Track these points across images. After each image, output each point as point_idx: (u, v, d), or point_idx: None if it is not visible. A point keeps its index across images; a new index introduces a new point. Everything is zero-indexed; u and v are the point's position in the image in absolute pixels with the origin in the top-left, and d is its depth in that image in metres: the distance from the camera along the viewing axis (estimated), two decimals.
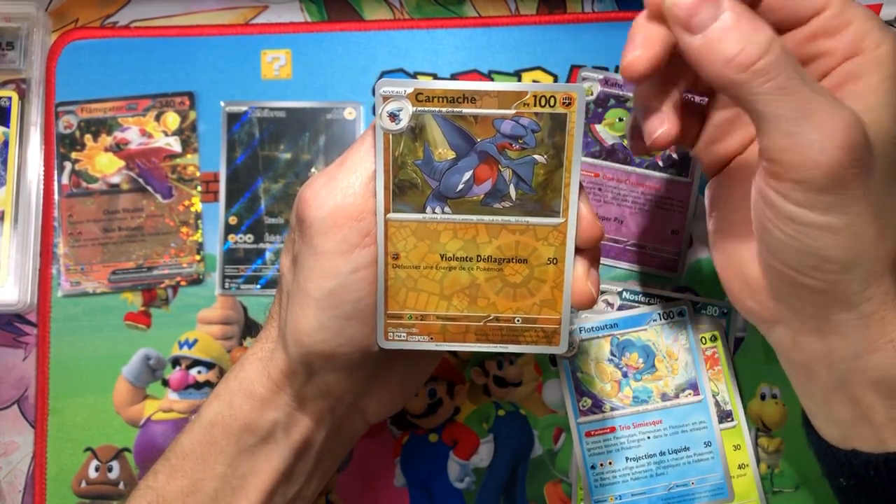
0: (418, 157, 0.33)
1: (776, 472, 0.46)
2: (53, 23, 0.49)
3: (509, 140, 0.32)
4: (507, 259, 0.34)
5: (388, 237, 0.33)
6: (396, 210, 0.33)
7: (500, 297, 0.34)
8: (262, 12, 0.50)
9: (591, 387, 0.46)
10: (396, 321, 0.35)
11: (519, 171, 0.33)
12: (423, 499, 0.46)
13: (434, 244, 0.34)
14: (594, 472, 0.45)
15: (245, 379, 0.36)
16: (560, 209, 0.33)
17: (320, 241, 0.32)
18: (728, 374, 0.46)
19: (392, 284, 0.34)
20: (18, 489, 0.46)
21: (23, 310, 0.46)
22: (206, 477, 0.36)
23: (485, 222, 0.33)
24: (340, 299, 0.33)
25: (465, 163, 0.33)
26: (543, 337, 0.35)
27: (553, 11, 0.50)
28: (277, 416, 0.36)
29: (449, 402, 0.47)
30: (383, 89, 0.32)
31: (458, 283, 0.34)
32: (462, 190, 0.33)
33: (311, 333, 0.33)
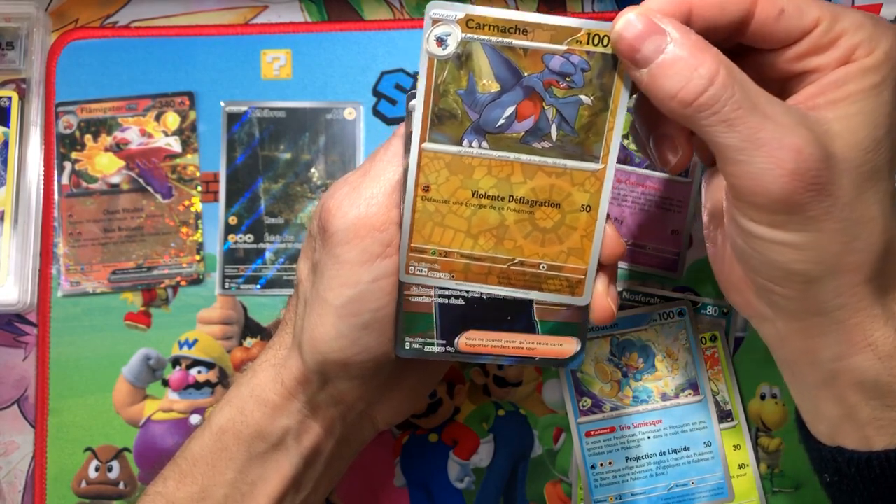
0: (461, 86, 0.31)
1: (776, 472, 0.46)
2: (53, 23, 0.49)
3: (557, 77, 0.31)
4: (539, 202, 0.33)
5: (420, 167, 0.32)
6: (432, 140, 0.32)
7: (527, 241, 0.33)
8: (262, 12, 0.50)
9: (591, 387, 0.46)
10: (420, 255, 0.33)
11: (563, 110, 0.32)
12: (423, 499, 0.46)
13: (467, 179, 0.32)
14: (594, 472, 0.45)
15: (257, 385, 0.36)
16: (600, 155, 0.32)
17: (342, 250, 0.33)
18: (728, 374, 0.46)
19: (419, 217, 0.33)
20: (18, 489, 0.46)
21: (23, 310, 0.46)
22: (216, 483, 0.36)
23: (521, 161, 0.32)
24: (360, 308, 0.33)
25: (509, 97, 0.31)
26: (567, 286, 0.34)
27: (553, 11, 0.50)
28: (289, 423, 0.36)
29: (449, 402, 0.47)
30: (433, 12, 0.31)
31: (487, 223, 0.33)
32: (502, 125, 0.32)
33: (328, 341, 0.33)
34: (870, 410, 0.33)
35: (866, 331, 0.32)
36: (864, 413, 0.33)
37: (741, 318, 0.47)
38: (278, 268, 0.47)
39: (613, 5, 0.50)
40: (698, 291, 0.47)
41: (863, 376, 0.32)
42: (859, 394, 0.33)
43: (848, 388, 0.33)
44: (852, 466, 0.33)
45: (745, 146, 0.28)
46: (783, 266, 0.31)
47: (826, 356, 0.33)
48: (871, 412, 0.33)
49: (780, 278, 0.31)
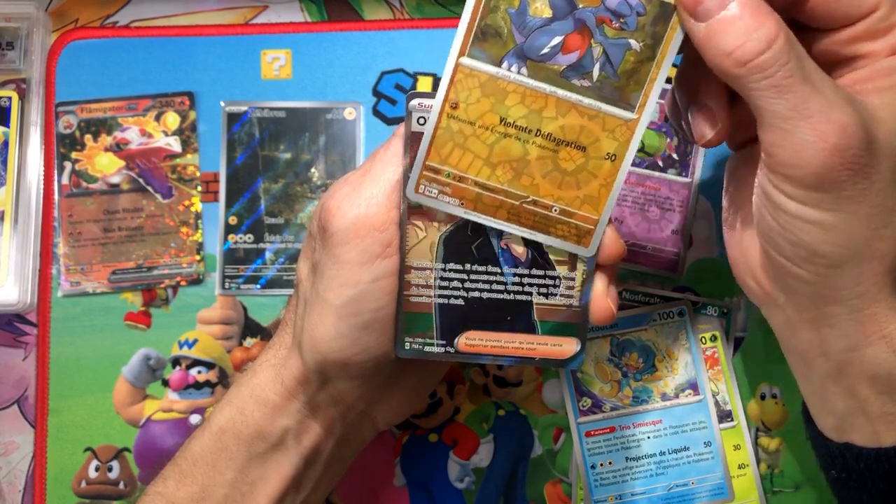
0: (513, 4, 0.30)
1: (776, 472, 0.46)
2: (53, 23, 0.49)
3: (611, 15, 0.30)
4: (566, 142, 0.32)
5: (452, 82, 0.31)
6: (471, 55, 0.31)
7: (545, 181, 0.32)
8: (262, 12, 0.50)
9: (591, 387, 0.46)
10: (433, 175, 0.33)
11: (610, 51, 0.31)
12: (423, 499, 0.46)
13: (498, 104, 0.31)
14: (594, 472, 0.45)
15: (257, 385, 0.36)
16: (637, 104, 0.31)
17: (342, 250, 0.33)
18: (728, 374, 0.46)
19: (441, 134, 0.32)
20: (18, 489, 0.46)
21: (23, 310, 0.46)
22: (216, 483, 0.36)
23: (557, 96, 0.31)
24: (359, 308, 0.33)
25: (559, 26, 0.30)
26: (575, 234, 0.33)
27: None
28: (289, 423, 0.36)
29: (449, 402, 0.47)
30: None
31: (509, 154, 0.32)
32: (546, 54, 0.31)
33: (328, 341, 0.33)
34: (881, 405, 0.32)
35: (881, 322, 0.31)
36: (874, 407, 0.33)
37: (741, 318, 0.47)
38: (278, 268, 0.47)
39: None
40: (698, 291, 0.47)
41: (876, 369, 0.32)
42: (871, 387, 0.32)
43: (859, 381, 0.33)
44: (861, 462, 0.33)
45: (792, 115, 0.28)
46: (810, 246, 0.30)
47: (838, 347, 0.33)
48: (882, 406, 0.32)
49: (804, 259, 0.31)
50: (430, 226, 0.33)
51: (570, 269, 0.34)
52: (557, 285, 0.34)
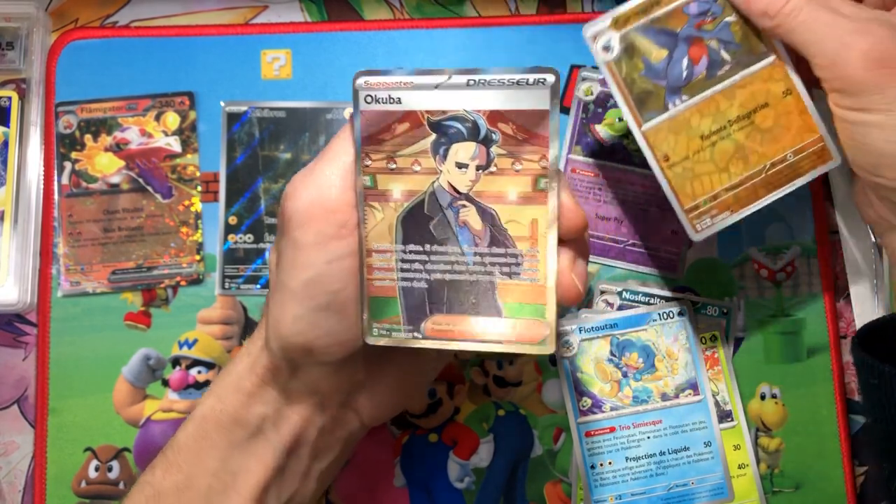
0: (640, 68, 0.38)
1: (776, 472, 0.46)
2: (53, 23, 0.49)
3: (701, 17, 0.38)
4: (752, 111, 0.38)
5: (651, 145, 0.39)
6: (646, 120, 0.38)
7: (765, 146, 0.38)
8: (262, 12, 0.50)
9: (591, 387, 0.46)
10: (696, 212, 0.39)
11: (721, 36, 0.38)
12: (423, 499, 0.46)
13: (689, 130, 0.38)
14: (594, 472, 0.45)
15: (234, 374, 0.37)
16: (768, 49, 0.38)
17: (298, 233, 0.33)
18: (728, 374, 0.46)
19: (676, 183, 0.39)
20: (18, 489, 0.46)
21: (23, 310, 0.46)
22: (199, 472, 0.36)
23: (718, 91, 0.38)
24: (316, 290, 0.33)
25: (678, 53, 0.38)
26: (818, 158, 0.39)
27: (553, 11, 0.50)
28: (265, 410, 0.36)
29: (449, 402, 0.47)
30: (590, 31, 0.38)
31: (727, 152, 0.38)
32: (687, 75, 0.38)
33: (288, 325, 0.33)
34: None
35: None
36: None
37: (741, 318, 0.47)
38: None
39: (613, 5, 0.50)
40: (698, 291, 0.47)
41: None
42: None
43: None
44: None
45: (820, 38, 0.34)
46: (876, 149, 0.34)
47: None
48: None
49: (875, 165, 0.35)
50: (386, 206, 0.33)
51: (531, 245, 0.33)
52: (520, 263, 0.33)
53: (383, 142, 0.32)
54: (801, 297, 0.48)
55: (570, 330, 0.46)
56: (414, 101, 0.32)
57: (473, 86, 0.31)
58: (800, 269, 0.48)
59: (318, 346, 0.34)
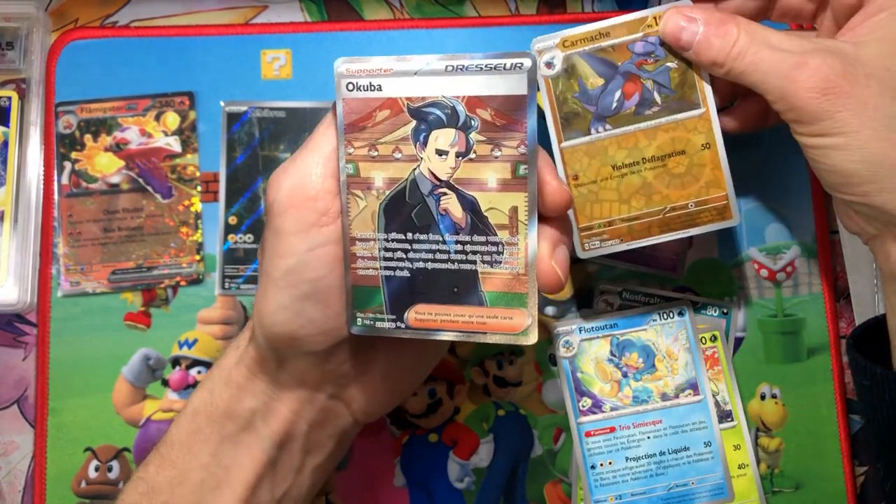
0: (575, 90, 0.40)
1: (776, 472, 0.46)
2: (53, 22, 0.49)
3: (643, 57, 0.39)
4: (668, 154, 0.40)
5: (565, 162, 0.40)
6: (567, 138, 0.40)
7: (671, 189, 0.40)
8: (262, 12, 0.50)
9: (591, 387, 0.46)
10: (588, 232, 0.41)
11: (658, 79, 0.39)
12: (423, 499, 0.46)
13: (604, 158, 0.40)
14: (594, 472, 0.45)
15: (224, 367, 0.37)
16: (699, 101, 0.39)
17: (279, 221, 0.33)
18: (728, 374, 0.46)
19: (578, 201, 0.40)
20: (18, 489, 0.46)
21: (23, 310, 0.46)
22: (192, 467, 0.36)
23: (641, 129, 0.40)
24: (298, 278, 0.33)
25: (614, 84, 0.39)
26: (718, 214, 0.40)
27: (553, 11, 0.50)
28: (255, 403, 0.36)
29: (449, 402, 0.47)
30: (537, 45, 0.40)
31: (633, 186, 0.40)
32: (616, 107, 0.40)
33: (271, 314, 0.34)
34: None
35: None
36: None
37: (741, 318, 0.47)
38: None
39: (613, 5, 0.50)
40: (698, 291, 0.47)
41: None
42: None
43: None
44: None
45: (766, 77, 0.36)
46: (838, 169, 0.35)
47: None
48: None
49: (841, 184, 0.36)
50: (369, 194, 0.33)
51: (511, 233, 0.32)
52: (501, 252, 0.32)
53: (365, 129, 0.33)
54: (801, 297, 0.48)
55: (570, 330, 0.46)
56: (394, 87, 0.32)
57: (452, 71, 0.31)
58: (800, 269, 0.48)
59: (302, 335, 0.34)
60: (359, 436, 0.46)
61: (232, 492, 0.36)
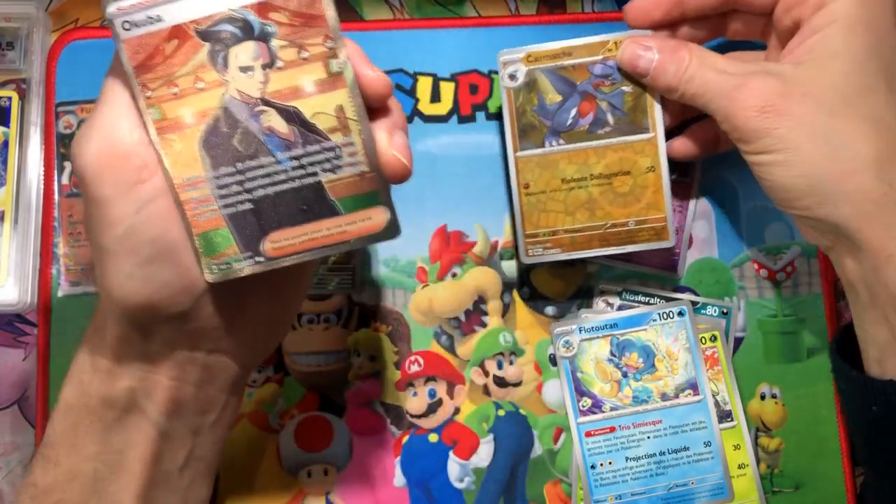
0: (534, 104, 0.42)
1: (776, 472, 0.46)
2: (53, 23, 0.49)
3: (601, 79, 0.42)
4: (614, 174, 0.42)
5: (518, 171, 0.43)
6: (522, 149, 0.42)
7: (613, 207, 0.42)
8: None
9: (591, 387, 0.46)
10: (534, 239, 0.43)
11: (612, 101, 0.42)
12: (423, 499, 0.46)
13: (555, 171, 0.42)
14: (594, 472, 0.45)
15: (88, 354, 0.35)
16: (649, 126, 0.42)
17: (95, 188, 0.30)
18: (728, 374, 0.46)
19: (526, 209, 0.43)
20: None
21: (23, 310, 0.46)
22: (80, 460, 0.34)
23: (592, 147, 0.42)
24: (135, 243, 0.31)
25: (571, 102, 0.42)
26: (654, 234, 0.43)
27: (553, 11, 0.50)
28: (131, 383, 0.34)
29: (449, 403, 0.47)
30: (503, 57, 0.42)
31: (579, 200, 0.42)
32: (571, 124, 0.42)
33: (119, 288, 0.31)
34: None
35: (885, 240, 0.35)
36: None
37: (741, 318, 0.47)
38: None
39: (613, 5, 0.50)
40: (698, 291, 0.47)
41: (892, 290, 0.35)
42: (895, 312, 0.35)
43: (888, 305, 0.35)
44: None
45: (712, 98, 0.38)
46: (780, 184, 0.37)
47: (866, 269, 0.36)
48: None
49: (785, 199, 0.38)
50: (182, 135, 0.31)
51: (344, 133, 0.31)
52: (340, 156, 0.31)
53: (157, 67, 0.30)
54: (801, 297, 0.48)
55: (570, 330, 0.46)
56: (175, 14, 0.30)
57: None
58: (800, 269, 0.48)
59: (159, 300, 0.32)
60: (359, 436, 0.46)
61: (130, 473, 0.35)
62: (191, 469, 0.37)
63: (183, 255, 0.32)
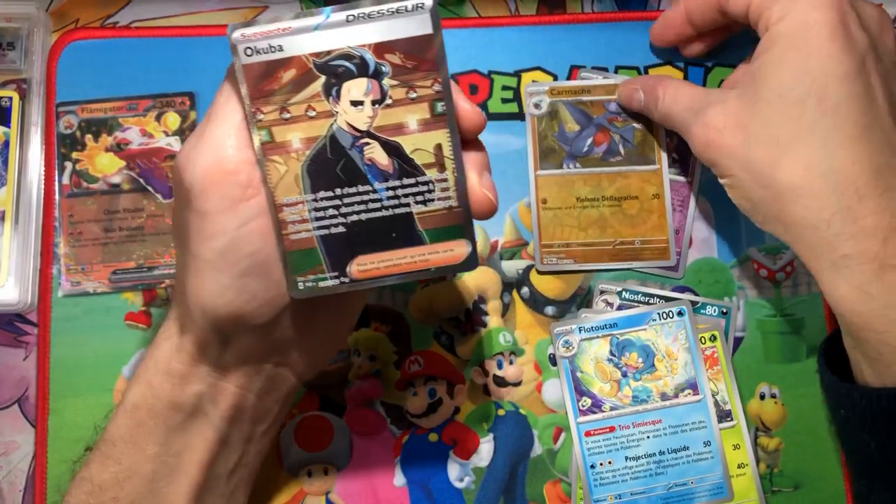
0: (555, 130, 0.47)
1: (775, 472, 0.46)
2: (54, 23, 0.49)
3: (615, 115, 0.47)
4: (624, 197, 0.47)
5: (538, 187, 0.47)
6: (542, 168, 0.47)
7: (622, 226, 0.47)
8: (262, 13, 0.50)
9: (590, 386, 0.46)
10: (549, 249, 0.47)
11: (624, 135, 0.47)
12: (423, 498, 0.46)
13: (571, 190, 0.47)
14: (594, 472, 0.45)
15: (161, 358, 0.36)
16: (656, 159, 0.47)
17: (201, 202, 0.32)
18: (727, 374, 0.46)
19: (543, 222, 0.47)
20: (19, 489, 0.46)
21: (23, 310, 0.46)
22: (140, 460, 0.35)
23: (605, 172, 0.47)
24: (235, 256, 0.32)
25: (587, 132, 0.47)
26: (658, 254, 0.47)
27: (553, 11, 0.50)
28: (200, 388, 0.35)
29: (449, 402, 0.47)
30: (529, 89, 0.48)
31: (591, 218, 0.47)
32: (587, 151, 0.47)
33: (213, 298, 0.33)
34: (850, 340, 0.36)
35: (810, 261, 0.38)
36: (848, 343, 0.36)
37: (741, 318, 0.47)
38: None
39: (613, 6, 0.50)
40: (698, 291, 0.47)
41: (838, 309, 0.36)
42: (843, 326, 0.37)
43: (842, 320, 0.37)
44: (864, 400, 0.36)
45: (682, 131, 0.43)
46: (736, 203, 0.41)
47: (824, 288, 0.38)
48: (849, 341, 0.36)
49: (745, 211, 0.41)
50: (288, 158, 0.32)
51: (439, 170, 0.33)
52: (432, 190, 0.33)
53: (272, 92, 0.32)
54: (800, 297, 0.48)
55: (570, 330, 0.46)
56: (296, 45, 0.31)
57: (354, 21, 0.31)
58: (800, 269, 0.48)
59: (248, 310, 0.33)
60: (359, 436, 0.46)
61: (186, 475, 0.36)
62: (237, 475, 0.38)
63: (273, 270, 0.33)
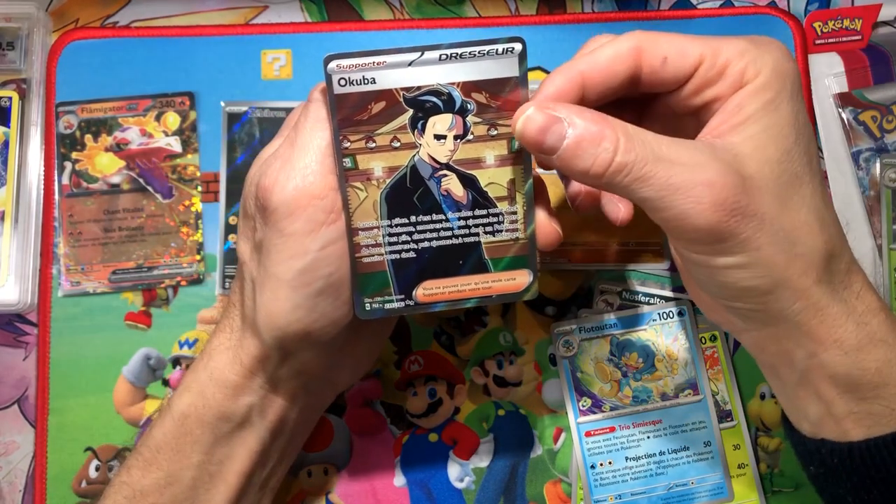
0: None
1: (775, 472, 0.46)
2: (54, 23, 0.49)
3: None
4: None
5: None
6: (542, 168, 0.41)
7: (618, 230, 0.46)
8: (262, 12, 0.50)
9: (590, 387, 0.46)
10: None
11: None
12: (423, 498, 0.46)
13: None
14: (594, 472, 0.45)
15: (215, 369, 0.37)
16: None
17: (286, 223, 0.33)
18: (727, 374, 0.46)
19: None
20: (19, 489, 0.46)
21: (23, 310, 0.46)
22: (183, 467, 0.36)
23: None
24: (312, 277, 0.34)
25: None
26: (653, 256, 0.47)
27: (553, 11, 0.50)
28: (252, 400, 0.36)
29: (449, 402, 0.47)
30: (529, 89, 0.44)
31: (589, 219, 0.45)
32: None
33: (285, 314, 0.34)
34: (845, 404, 0.34)
35: (830, 328, 0.33)
36: (840, 407, 0.34)
37: None
38: None
39: (613, 6, 0.50)
40: None
41: (834, 371, 0.33)
42: (834, 389, 0.34)
43: (823, 384, 0.34)
44: (834, 457, 0.34)
45: (663, 195, 0.30)
46: (734, 285, 0.33)
47: (799, 356, 0.34)
48: (847, 405, 0.34)
49: (736, 296, 0.33)
50: (369, 185, 0.34)
51: (510, 203, 0.35)
52: (501, 221, 0.35)
53: (361, 122, 0.33)
54: None
55: (570, 330, 0.46)
56: (388, 79, 0.33)
57: (446, 60, 0.32)
58: None
59: (314, 328, 0.34)
60: (359, 436, 0.46)
61: (226, 484, 0.36)
62: (269, 484, 0.40)
63: (343, 291, 0.35)
